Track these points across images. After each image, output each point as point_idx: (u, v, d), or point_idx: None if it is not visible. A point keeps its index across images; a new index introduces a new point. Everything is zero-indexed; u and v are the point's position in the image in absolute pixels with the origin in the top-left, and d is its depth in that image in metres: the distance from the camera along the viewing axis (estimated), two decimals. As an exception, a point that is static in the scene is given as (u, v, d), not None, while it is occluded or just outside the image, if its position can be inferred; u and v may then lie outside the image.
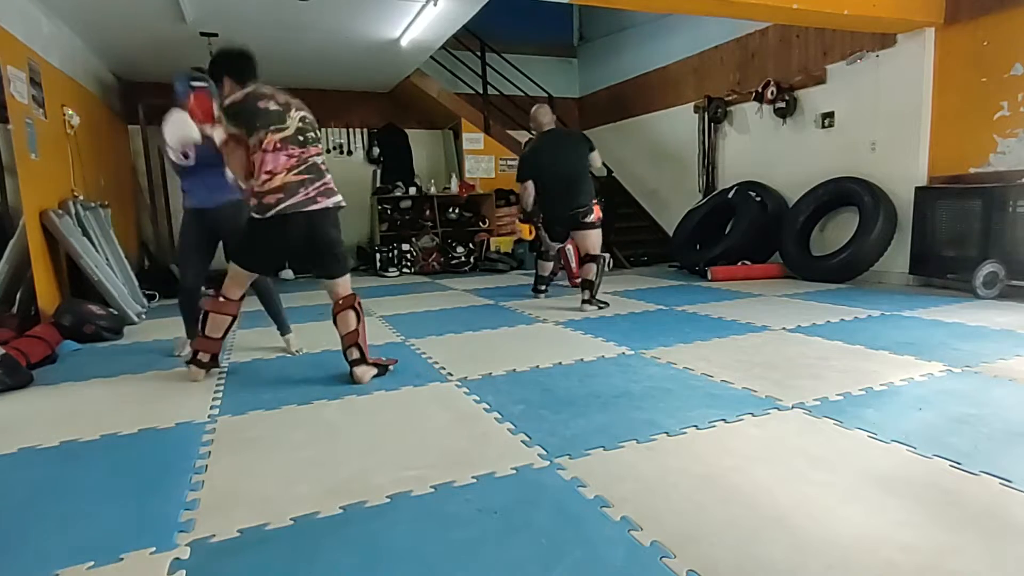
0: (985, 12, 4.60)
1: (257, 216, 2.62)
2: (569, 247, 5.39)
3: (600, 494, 1.62)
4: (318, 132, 2.73)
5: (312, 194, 2.60)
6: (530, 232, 5.55)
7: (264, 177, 2.57)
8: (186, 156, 2.97)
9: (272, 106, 2.60)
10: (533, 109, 4.77)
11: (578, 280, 5.19)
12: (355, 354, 2.75)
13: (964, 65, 4.77)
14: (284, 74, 7.14)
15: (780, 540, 1.39)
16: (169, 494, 1.71)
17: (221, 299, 2.79)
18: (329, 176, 2.71)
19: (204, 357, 2.86)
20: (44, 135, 4.14)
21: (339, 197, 2.71)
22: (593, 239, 4.52)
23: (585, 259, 4.52)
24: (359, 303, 2.81)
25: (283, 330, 3.50)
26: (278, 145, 2.57)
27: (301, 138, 2.62)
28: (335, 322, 2.80)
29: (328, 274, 2.79)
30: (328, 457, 1.93)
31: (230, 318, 2.82)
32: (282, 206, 2.56)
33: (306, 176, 2.60)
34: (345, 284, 2.81)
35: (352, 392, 2.60)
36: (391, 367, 2.88)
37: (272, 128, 2.57)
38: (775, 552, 1.34)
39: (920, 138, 5.03)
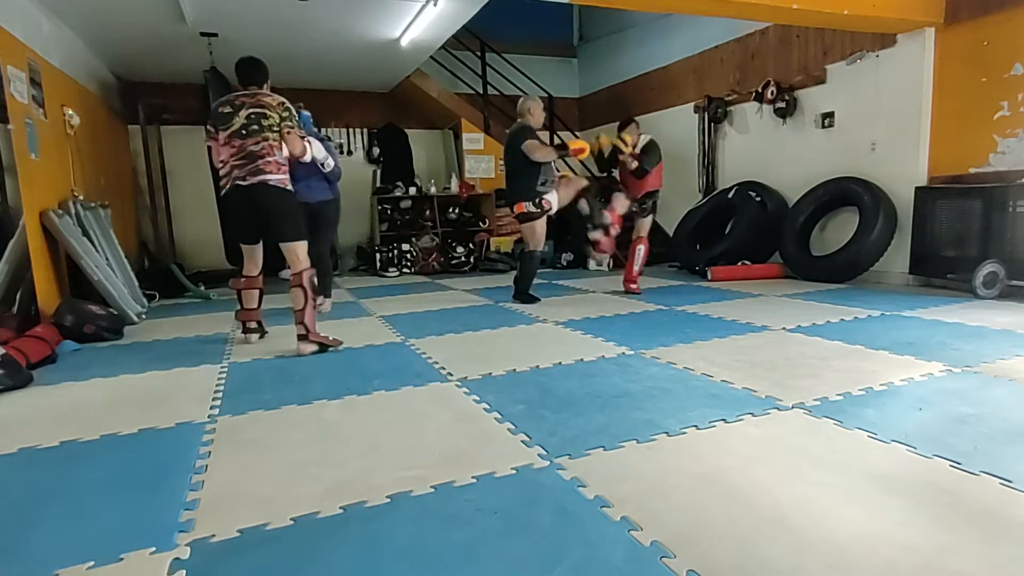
0: (985, 12, 4.60)
1: (221, 196, 3.32)
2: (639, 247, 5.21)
3: (600, 494, 1.62)
4: (272, 118, 3.19)
5: (244, 174, 3.15)
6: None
7: (219, 166, 3.27)
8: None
9: (226, 110, 3.21)
10: (529, 100, 4.87)
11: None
12: (300, 330, 3.21)
13: (964, 65, 4.77)
14: (284, 74, 7.14)
15: (780, 540, 1.39)
16: (169, 494, 1.71)
17: (243, 279, 3.57)
18: (268, 159, 3.15)
19: (251, 324, 3.65)
20: (44, 135, 4.14)
21: (268, 176, 3.15)
22: (523, 232, 4.84)
23: None
24: (309, 282, 3.21)
25: (325, 293, 4.59)
26: (226, 140, 3.20)
27: (244, 132, 3.16)
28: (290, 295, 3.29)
29: (277, 238, 3.30)
30: (328, 457, 1.93)
31: (256, 291, 3.61)
32: (229, 185, 3.22)
33: (242, 162, 3.16)
34: (297, 254, 3.24)
35: (352, 392, 2.60)
36: (333, 347, 3.30)
37: (222, 127, 3.21)
38: (775, 552, 1.34)
39: (920, 138, 5.03)
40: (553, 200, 4.75)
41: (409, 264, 7.35)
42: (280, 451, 2.00)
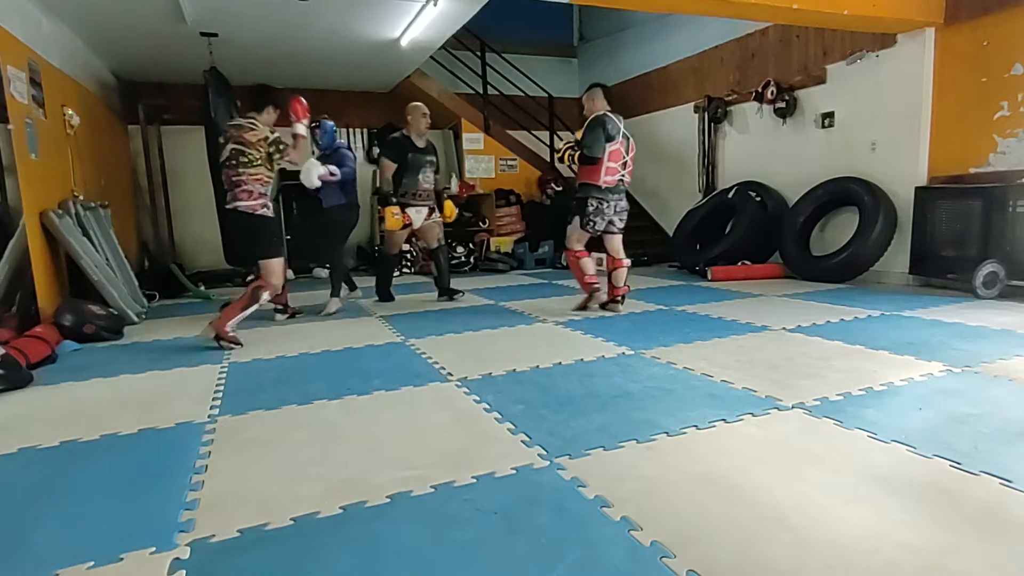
0: (985, 12, 4.60)
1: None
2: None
3: (600, 494, 1.62)
4: (251, 154, 3.49)
5: (228, 199, 3.57)
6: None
7: None
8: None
9: (221, 140, 3.60)
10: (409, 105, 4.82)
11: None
12: (216, 317, 3.51)
13: (964, 65, 4.77)
14: (284, 74, 7.15)
15: (780, 540, 1.39)
16: (169, 494, 1.71)
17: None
18: (244, 188, 3.50)
19: (278, 305, 4.36)
20: (44, 135, 4.14)
21: (240, 203, 3.51)
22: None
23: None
24: (254, 292, 3.51)
25: (350, 287, 5.03)
26: (222, 165, 3.59)
27: (227, 164, 3.53)
28: None
29: (251, 255, 3.78)
30: (328, 457, 1.93)
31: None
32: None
33: (227, 188, 3.57)
34: (265, 267, 3.58)
35: (352, 392, 2.60)
36: (225, 344, 3.44)
37: (220, 156, 3.61)
38: (775, 552, 1.34)
39: (920, 138, 5.03)
40: (413, 216, 4.74)
41: (409, 264, 7.35)
42: (280, 451, 2.00)
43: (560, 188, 7.99)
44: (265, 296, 3.56)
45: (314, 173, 4.39)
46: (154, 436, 2.18)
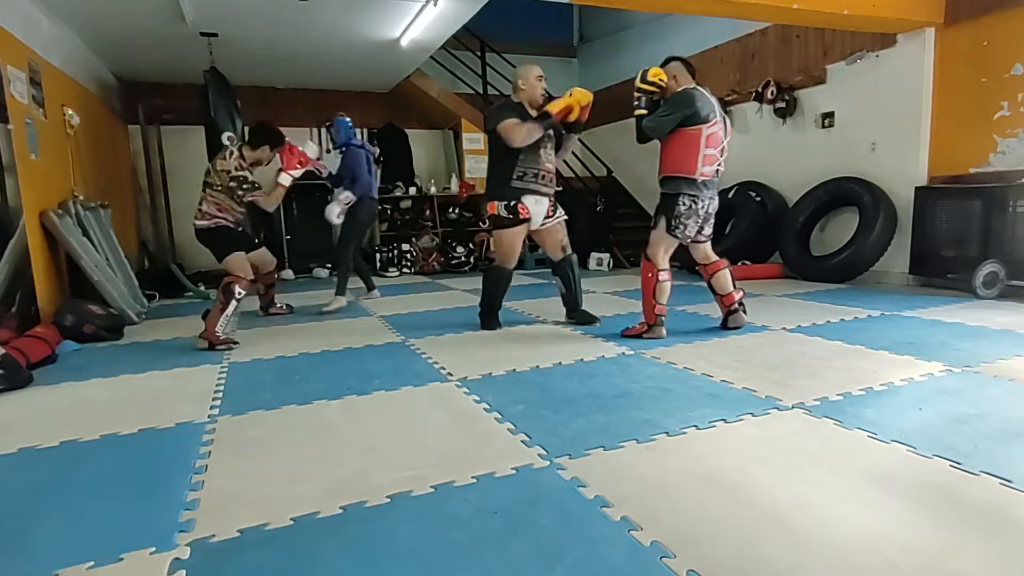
0: (985, 12, 4.60)
1: None
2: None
3: (600, 494, 1.62)
4: (213, 178, 3.68)
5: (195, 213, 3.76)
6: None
7: None
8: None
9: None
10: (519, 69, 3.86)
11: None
12: (203, 326, 3.60)
13: (964, 65, 4.77)
14: (284, 74, 7.16)
15: (780, 540, 1.39)
16: (169, 494, 1.71)
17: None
18: (200, 208, 3.70)
19: (264, 303, 4.65)
20: (44, 135, 4.14)
21: (197, 222, 3.72)
22: (493, 240, 3.88)
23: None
24: (225, 288, 3.56)
25: (368, 287, 5.34)
26: None
27: (206, 179, 3.73)
28: None
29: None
30: (328, 457, 1.93)
31: (261, 283, 4.47)
32: None
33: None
34: (227, 266, 3.68)
35: (352, 392, 2.60)
36: (219, 346, 3.49)
37: None
38: (775, 552, 1.34)
39: (920, 138, 5.03)
40: (533, 207, 3.66)
41: (409, 264, 7.35)
42: (280, 451, 2.00)
43: (560, 188, 7.98)
44: (239, 289, 3.59)
45: (333, 213, 4.72)
46: (154, 436, 2.18)
